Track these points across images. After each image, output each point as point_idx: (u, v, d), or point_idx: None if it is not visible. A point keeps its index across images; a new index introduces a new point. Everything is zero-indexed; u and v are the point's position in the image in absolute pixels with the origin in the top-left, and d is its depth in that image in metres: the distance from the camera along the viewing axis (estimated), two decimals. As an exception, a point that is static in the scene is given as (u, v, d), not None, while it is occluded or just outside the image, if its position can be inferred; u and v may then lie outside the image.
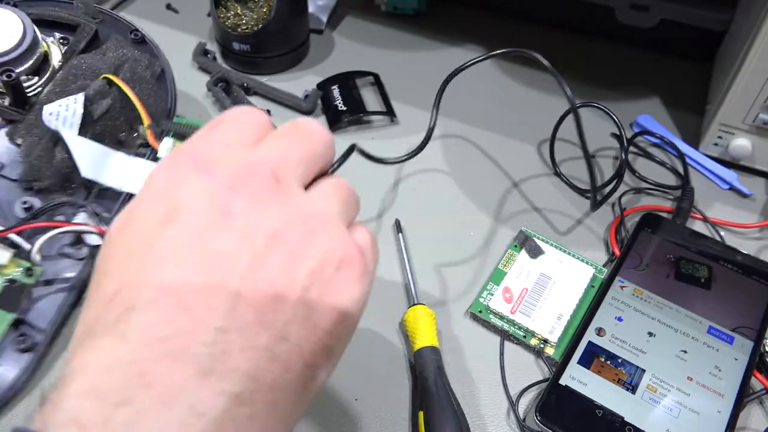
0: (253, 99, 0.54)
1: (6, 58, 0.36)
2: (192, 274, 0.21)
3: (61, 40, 0.46)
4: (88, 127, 0.41)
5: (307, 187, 0.25)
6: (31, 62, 0.39)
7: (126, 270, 0.21)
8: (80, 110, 0.40)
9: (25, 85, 0.41)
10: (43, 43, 0.42)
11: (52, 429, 0.18)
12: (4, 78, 0.35)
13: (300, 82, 0.56)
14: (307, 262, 0.22)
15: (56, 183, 0.40)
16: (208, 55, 0.58)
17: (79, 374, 0.19)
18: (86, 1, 0.46)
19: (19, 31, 0.36)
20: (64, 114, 0.40)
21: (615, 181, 0.46)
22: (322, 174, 0.26)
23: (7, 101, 0.42)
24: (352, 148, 0.28)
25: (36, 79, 0.42)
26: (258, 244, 0.21)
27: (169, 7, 0.64)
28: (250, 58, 0.56)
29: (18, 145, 0.40)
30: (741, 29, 0.49)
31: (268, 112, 0.52)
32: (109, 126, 0.42)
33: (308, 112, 0.53)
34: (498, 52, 0.43)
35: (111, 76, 0.42)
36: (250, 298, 0.21)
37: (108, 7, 0.62)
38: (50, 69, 0.44)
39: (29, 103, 0.42)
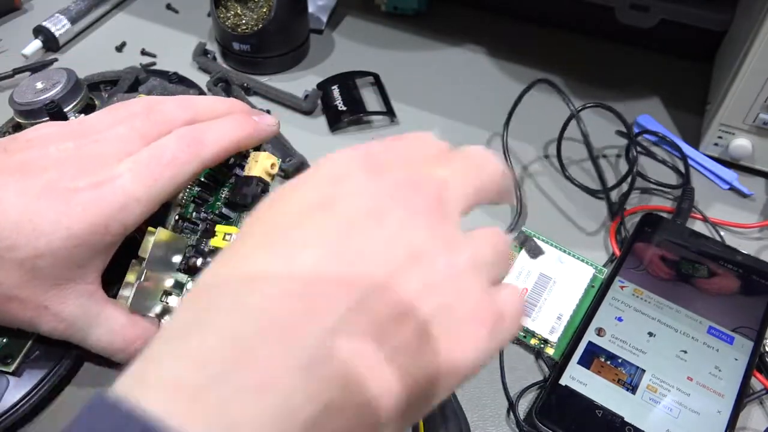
0: (253, 99, 0.54)
1: (54, 98, 0.46)
2: (325, 264, 0.20)
3: (106, 88, 0.52)
4: None
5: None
6: (76, 101, 0.47)
7: (262, 243, 0.21)
8: None
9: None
10: (90, 95, 0.50)
11: (146, 386, 0.18)
12: (47, 107, 0.44)
13: (300, 82, 0.56)
14: (440, 294, 0.21)
15: None
16: (208, 55, 0.58)
17: (185, 336, 0.19)
18: (135, 67, 0.54)
19: (63, 80, 0.46)
20: None
21: (629, 179, 0.46)
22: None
23: None
24: None
25: (82, 116, 0.48)
26: (399, 258, 0.21)
27: (169, 7, 0.64)
28: (250, 58, 0.56)
29: None
30: (741, 29, 0.49)
31: (268, 112, 0.52)
32: None
33: (308, 113, 0.53)
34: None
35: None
36: (373, 308, 0.20)
37: (108, 7, 0.63)
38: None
39: None
